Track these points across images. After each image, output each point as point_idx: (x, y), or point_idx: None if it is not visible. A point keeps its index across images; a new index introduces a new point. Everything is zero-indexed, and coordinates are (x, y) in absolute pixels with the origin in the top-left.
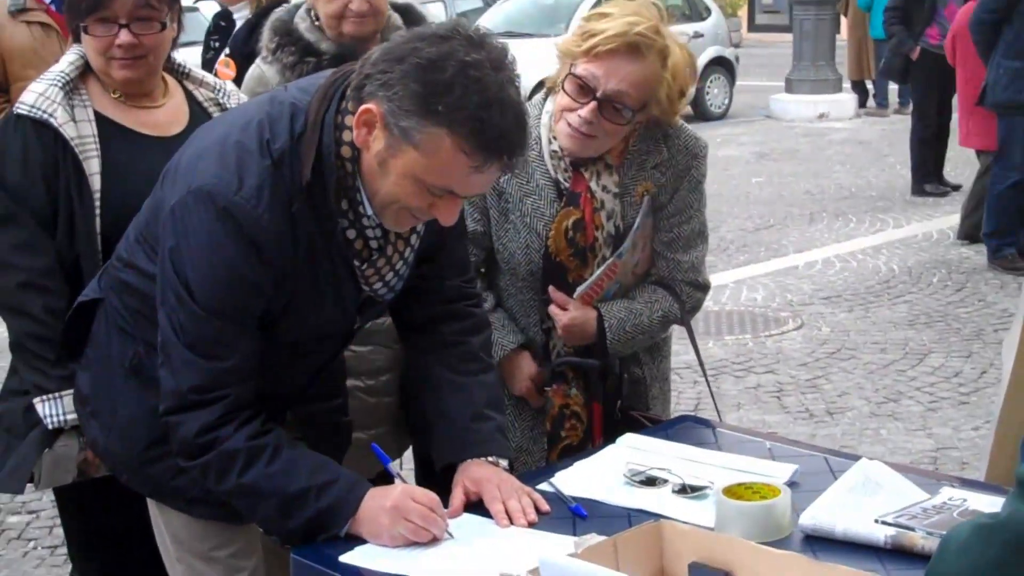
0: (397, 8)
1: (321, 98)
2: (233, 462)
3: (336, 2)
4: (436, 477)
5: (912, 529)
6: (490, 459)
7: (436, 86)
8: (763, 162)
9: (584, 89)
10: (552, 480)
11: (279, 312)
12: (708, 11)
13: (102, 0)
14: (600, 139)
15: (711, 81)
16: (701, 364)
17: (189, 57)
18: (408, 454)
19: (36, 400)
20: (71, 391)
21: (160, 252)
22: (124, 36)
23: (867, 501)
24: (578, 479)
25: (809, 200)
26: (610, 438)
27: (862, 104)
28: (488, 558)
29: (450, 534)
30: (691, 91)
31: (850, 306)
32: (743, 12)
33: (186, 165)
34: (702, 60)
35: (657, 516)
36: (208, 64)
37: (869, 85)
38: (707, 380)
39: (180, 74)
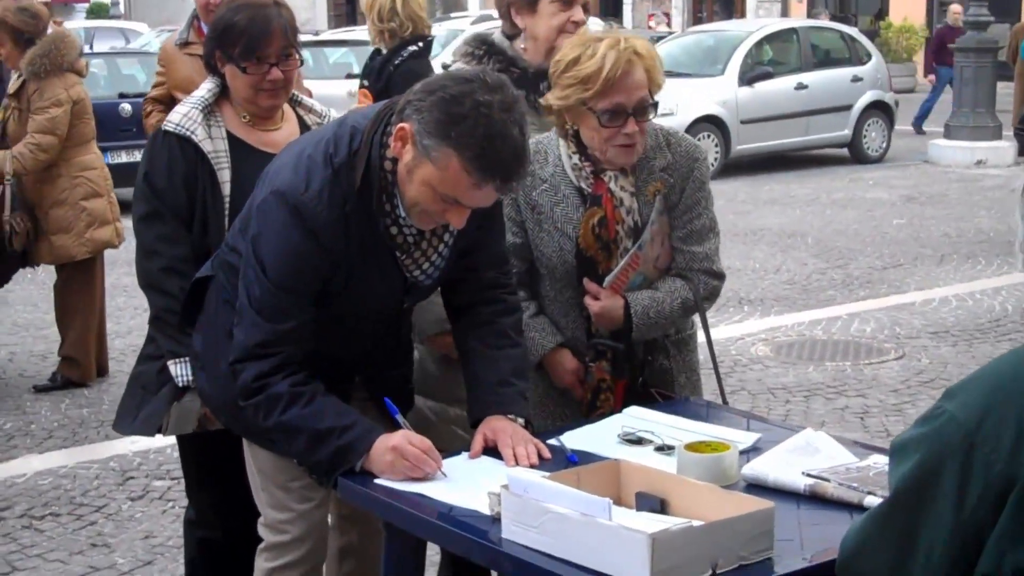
0: None
1: (374, 121)
2: (277, 403)
3: (560, 16)
4: None
5: (828, 480)
6: (509, 416)
7: (453, 116)
8: (908, 205)
9: (617, 115)
10: (560, 436)
11: (338, 289)
12: (868, 56)
13: (259, 44)
14: (640, 142)
15: (869, 125)
16: (712, 352)
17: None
18: None
19: (170, 362)
20: None
21: (247, 238)
22: (276, 73)
23: (803, 460)
24: (581, 436)
25: (945, 242)
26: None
27: (1022, 152)
28: (487, 484)
29: (443, 473)
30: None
31: (955, 341)
32: (919, 57)
33: (272, 172)
34: (860, 104)
35: None
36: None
37: None
38: (716, 366)
39: (294, 102)
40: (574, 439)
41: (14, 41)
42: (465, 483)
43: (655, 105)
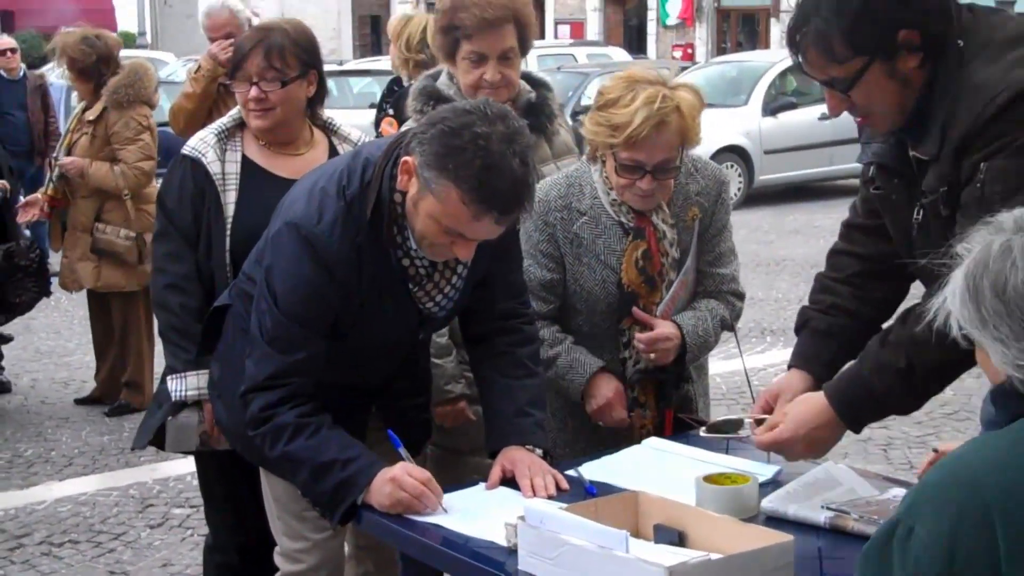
0: (530, 80)
1: (385, 154)
2: (282, 433)
3: (472, 73)
4: None
5: (848, 513)
6: (527, 447)
7: (451, 149)
8: None
9: (635, 169)
10: (579, 468)
11: (352, 321)
12: None
13: (239, 63)
14: (661, 192)
15: None
16: (746, 373)
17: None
18: None
19: (168, 377)
20: (195, 372)
21: (261, 269)
22: (253, 91)
23: (823, 493)
24: (600, 468)
25: None
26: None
27: None
28: (504, 515)
29: (443, 508)
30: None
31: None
32: None
33: (286, 204)
34: None
35: None
36: (378, 124)
37: None
38: (749, 385)
39: (329, 130)
40: (592, 469)
41: (77, 71)
42: (482, 514)
43: (680, 164)
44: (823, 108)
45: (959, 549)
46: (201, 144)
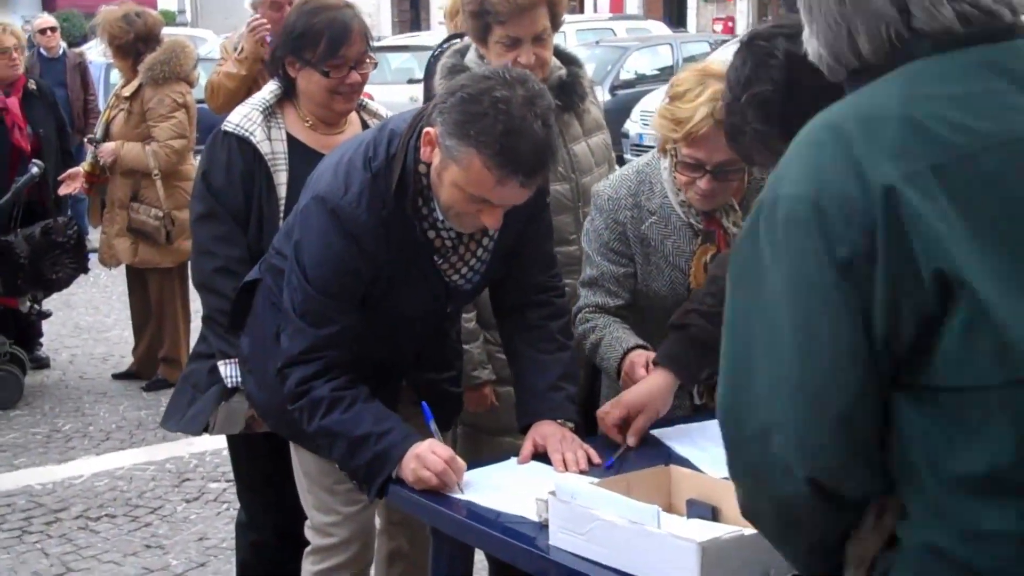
0: (561, 57)
1: (410, 125)
2: (318, 407)
3: (506, 56)
4: None
5: None
6: (559, 421)
7: (472, 115)
8: None
9: (695, 167)
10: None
11: (380, 294)
12: None
13: (340, 46)
14: (723, 193)
15: None
16: None
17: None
18: None
19: (220, 363)
20: None
21: (291, 243)
22: (354, 76)
23: None
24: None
25: None
26: None
27: None
28: (536, 491)
29: (460, 488)
30: None
31: None
32: None
33: (314, 178)
34: None
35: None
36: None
37: None
38: None
39: (360, 107)
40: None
41: (116, 48)
42: (513, 489)
43: (742, 170)
44: None
45: (825, 189)
46: (247, 122)
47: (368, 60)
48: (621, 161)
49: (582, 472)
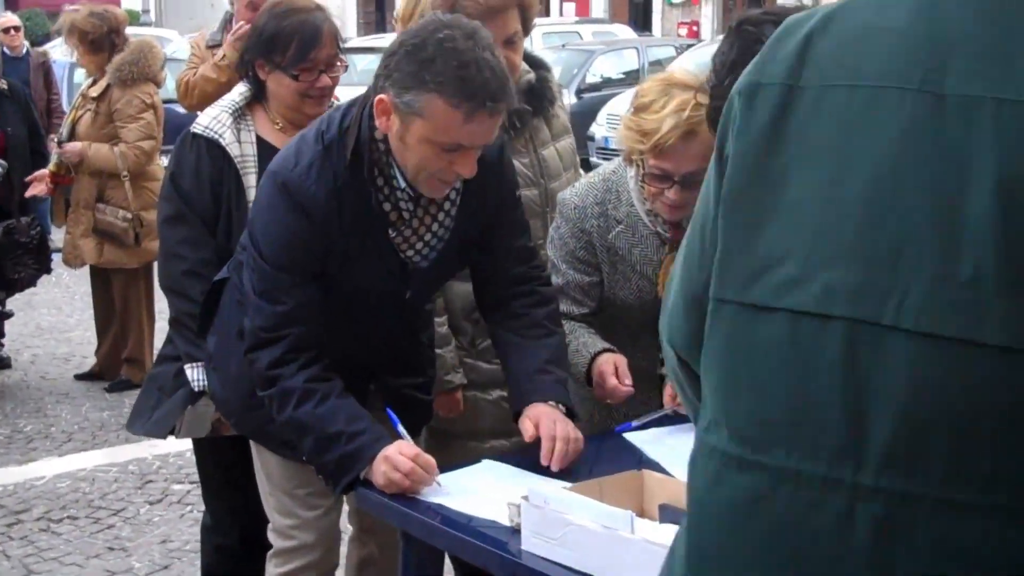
0: (530, 61)
1: (364, 97)
2: (289, 398)
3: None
4: None
5: None
6: (550, 404)
7: (422, 62)
8: None
9: (662, 178)
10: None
11: (335, 269)
12: None
13: (310, 50)
14: (692, 204)
15: None
16: None
17: None
18: None
19: (187, 366)
20: None
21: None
22: (324, 79)
23: None
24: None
25: None
26: None
27: None
28: (508, 495)
29: (438, 483)
30: None
31: None
32: None
33: (272, 161)
34: None
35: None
36: None
37: None
38: None
39: (332, 108)
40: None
41: (89, 43)
42: (485, 493)
43: None
44: None
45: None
46: (217, 124)
47: (339, 63)
48: (586, 164)
49: (561, 472)
